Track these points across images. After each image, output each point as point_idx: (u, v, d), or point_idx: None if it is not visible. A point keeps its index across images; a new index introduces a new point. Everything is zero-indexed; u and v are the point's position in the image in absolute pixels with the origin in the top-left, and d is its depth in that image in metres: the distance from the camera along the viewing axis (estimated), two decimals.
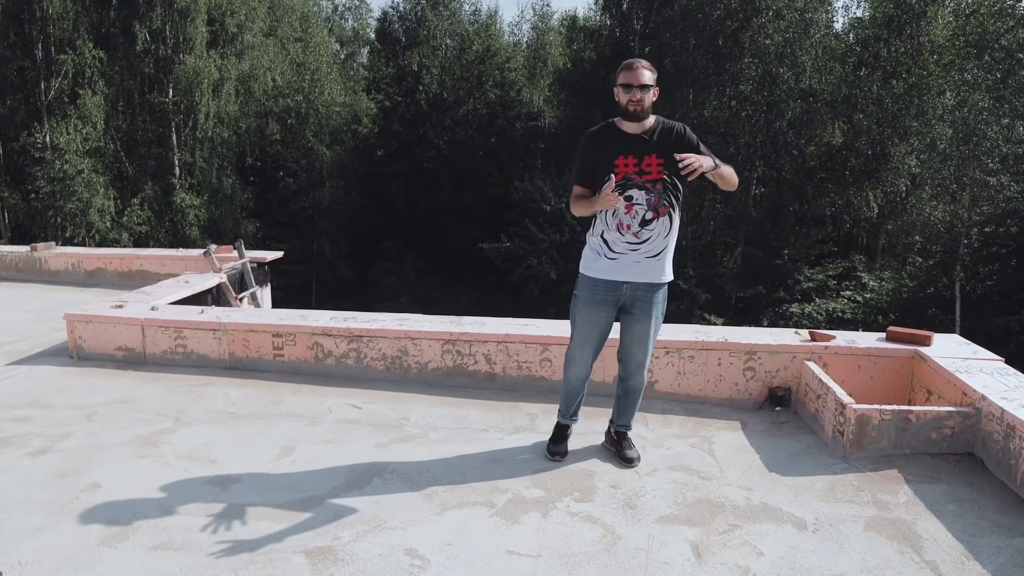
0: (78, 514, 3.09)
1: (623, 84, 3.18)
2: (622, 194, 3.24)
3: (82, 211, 20.34)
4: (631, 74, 3.17)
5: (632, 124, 3.24)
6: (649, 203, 3.26)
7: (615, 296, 3.37)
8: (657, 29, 24.48)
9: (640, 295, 3.36)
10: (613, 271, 3.33)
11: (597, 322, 3.42)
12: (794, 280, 22.31)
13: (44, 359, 5.21)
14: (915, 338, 4.42)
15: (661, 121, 3.30)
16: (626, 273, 3.32)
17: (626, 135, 3.25)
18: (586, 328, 3.44)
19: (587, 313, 3.41)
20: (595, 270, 3.37)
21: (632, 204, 3.25)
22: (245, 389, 4.58)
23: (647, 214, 3.26)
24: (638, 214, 3.26)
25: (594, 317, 3.41)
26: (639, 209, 3.26)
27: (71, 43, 21.34)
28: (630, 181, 3.24)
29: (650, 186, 3.24)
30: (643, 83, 3.16)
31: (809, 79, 22.41)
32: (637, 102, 3.17)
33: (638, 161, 3.22)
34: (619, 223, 3.28)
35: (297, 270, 27.05)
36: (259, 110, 26.39)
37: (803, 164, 24.13)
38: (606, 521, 3.06)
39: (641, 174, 3.23)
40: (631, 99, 3.17)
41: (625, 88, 3.18)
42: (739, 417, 4.28)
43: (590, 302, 3.39)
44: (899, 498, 3.26)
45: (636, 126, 3.24)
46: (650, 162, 3.23)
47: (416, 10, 32.71)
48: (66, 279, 8.10)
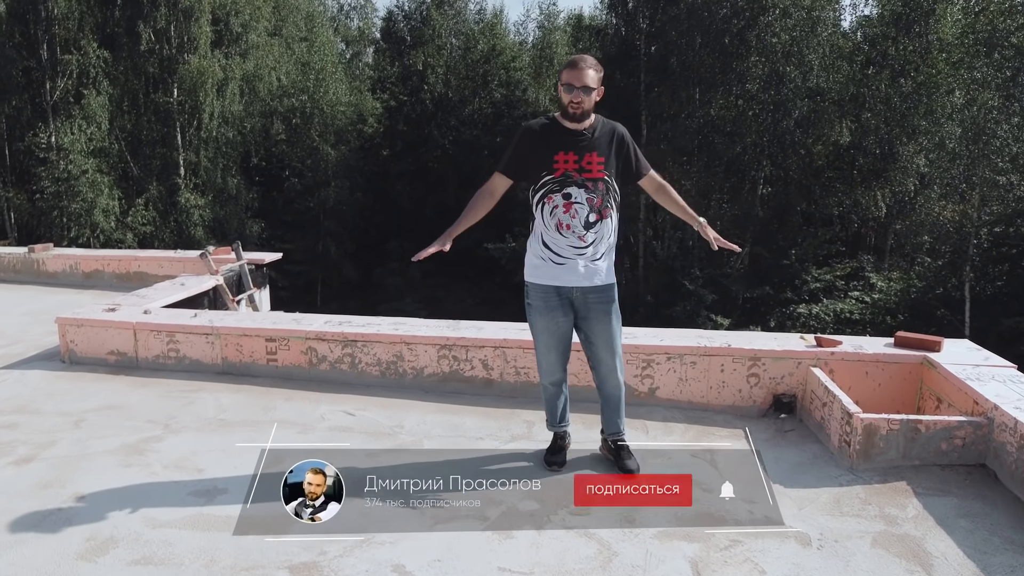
0: (59, 526, 3.00)
1: (565, 83, 3.09)
2: (560, 191, 3.16)
3: (87, 211, 20.33)
4: (574, 73, 3.08)
5: (573, 122, 3.17)
6: (591, 204, 3.17)
7: (565, 301, 3.28)
8: (663, 28, 24.29)
9: (592, 299, 3.26)
10: (562, 277, 3.23)
11: (556, 328, 3.33)
12: (801, 280, 22.14)
13: (36, 363, 5.13)
14: (924, 344, 4.29)
15: (602, 120, 3.23)
16: (575, 278, 3.22)
17: (567, 131, 3.17)
18: (547, 335, 3.36)
19: (544, 321, 3.33)
20: (543, 277, 3.27)
21: (571, 202, 3.16)
22: (237, 395, 4.49)
23: (590, 216, 3.17)
24: (578, 213, 3.16)
25: (552, 324, 3.32)
26: (579, 209, 3.16)
27: (76, 43, 21.33)
28: (569, 178, 3.15)
29: (591, 185, 3.16)
30: (585, 84, 3.07)
31: (816, 78, 22.22)
32: (577, 104, 3.09)
33: (579, 158, 3.14)
34: (558, 223, 3.18)
35: (302, 270, 27.02)
36: (264, 110, 26.35)
37: (810, 163, 23.94)
38: (602, 536, 2.95)
39: (581, 172, 3.14)
40: (572, 100, 3.09)
41: (567, 88, 3.09)
42: (742, 425, 4.16)
43: (544, 310, 3.30)
44: (908, 512, 3.15)
45: (577, 124, 3.17)
46: (591, 160, 3.15)
47: (421, 9, 32.62)
48: (64, 281, 8.03)
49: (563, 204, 3.15)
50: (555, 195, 3.16)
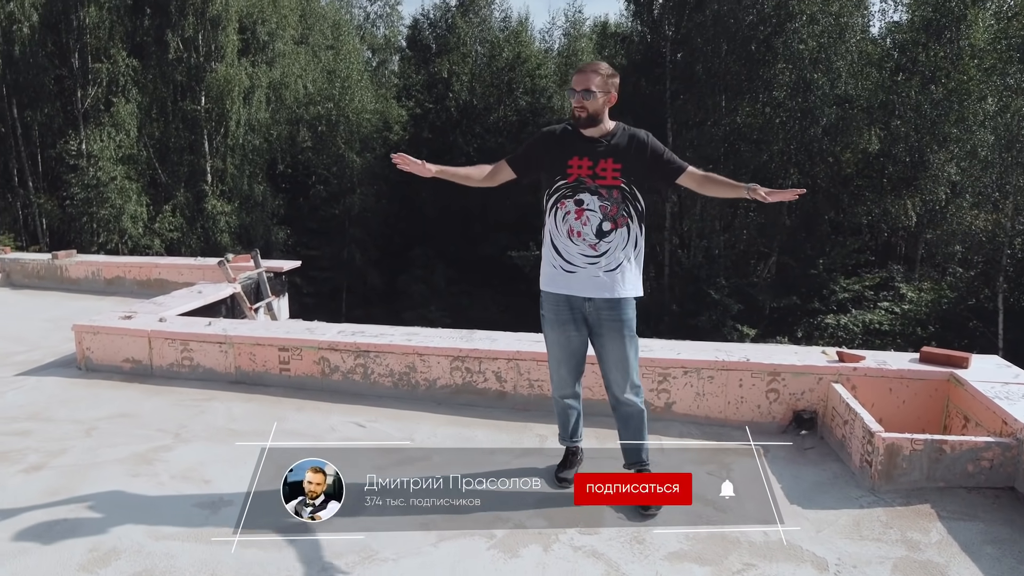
0: (63, 536, 2.99)
1: (569, 88, 3.05)
2: (573, 197, 3.08)
3: (115, 217, 20.63)
4: (578, 77, 3.02)
5: (588, 128, 3.08)
6: (605, 211, 3.08)
7: (577, 314, 3.18)
8: (688, 35, 24.12)
9: (605, 313, 3.14)
10: (571, 285, 3.14)
11: (567, 342, 3.23)
12: (829, 290, 21.78)
13: (53, 370, 5.16)
14: (951, 360, 4.15)
15: (623, 127, 3.14)
16: (586, 288, 3.12)
17: (583, 137, 3.09)
18: (557, 349, 3.28)
19: (555, 334, 3.24)
20: (553, 284, 3.20)
21: (583, 209, 3.08)
22: (249, 405, 4.47)
23: (604, 224, 3.08)
24: (590, 221, 3.08)
25: (563, 337, 3.23)
26: (591, 216, 3.08)
27: (106, 52, 21.70)
28: (582, 184, 3.07)
29: (604, 192, 3.07)
30: (585, 88, 2.99)
31: (845, 85, 21.90)
32: (580, 108, 3.02)
33: (593, 164, 3.06)
34: (569, 229, 3.10)
35: (327, 277, 27.19)
36: (290, 117, 26.60)
37: (839, 172, 23.59)
38: (611, 557, 2.87)
39: (595, 178, 3.06)
40: (575, 104, 3.03)
41: (570, 92, 3.04)
42: (761, 442, 4.04)
43: (555, 322, 3.22)
44: (931, 537, 3.02)
45: (594, 130, 3.08)
46: (605, 166, 3.06)
47: (446, 17, 32.76)
48: (86, 287, 8.12)
49: (575, 210, 3.09)
50: (567, 200, 3.10)
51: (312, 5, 32.18)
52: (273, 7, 24.45)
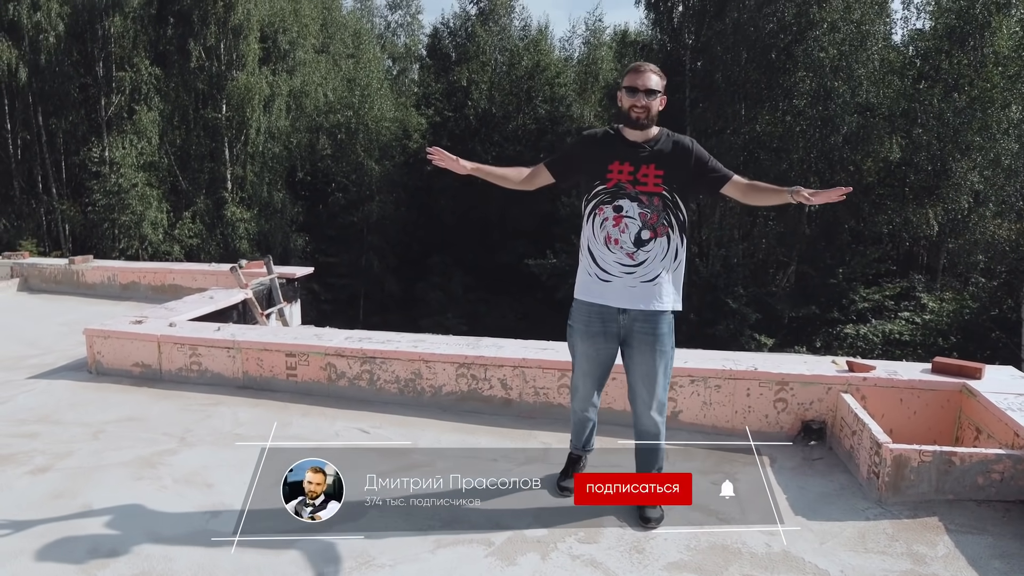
0: (64, 538, 3.01)
1: (628, 87, 2.92)
2: (612, 203, 3.00)
3: (136, 223, 20.91)
4: (637, 77, 2.91)
5: (634, 132, 2.98)
6: (644, 219, 2.97)
7: (614, 327, 3.06)
8: (708, 43, 24.05)
9: (639, 325, 3.02)
10: (605, 295, 3.02)
11: (595, 355, 3.12)
12: (849, 300, 21.54)
13: (64, 373, 5.22)
14: (963, 370, 4.08)
15: (667, 133, 3.03)
16: (621, 299, 3.00)
17: (626, 141, 3.00)
18: (585, 361, 3.15)
19: (583, 346, 3.12)
20: (589, 294, 3.07)
21: (622, 216, 2.97)
22: (255, 410, 4.49)
23: (643, 232, 2.97)
24: (627, 228, 2.97)
25: (591, 350, 3.12)
26: (630, 223, 2.97)
27: (129, 61, 22.04)
28: (622, 190, 2.97)
29: (645, 199, 2.96)
30: (649, 87, 2.89)
31: (866, 93, 21.71)
32: (642, 108, 2.90)
33: (634, 170, 2.95)
34: (607, 236, 3.00)
35: (345, 284, 27.33)
36: (310, 125, 26.83)
37: (860, 180, 23.36)
38: (609, 566, 2.84)
39: (635, 184, 2.96)
40: (635, 104, 2.90)
41: (630, 92, 2.91)
42: (768, 452, 4.00)
43: (586, 334, 3.10)
44: (938, 551, 2.96)
45: (639, 134, 2.98)
46: (647, 172, 2.95)
47: (466, 26, 32.93)
48: (102, 292, 8.22)
49: (613, 217, 2.98)
50: (606, 207, 2.99)
51: (333, 15, 32.50)
52: (294, 16, 24.73)
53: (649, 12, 26.67)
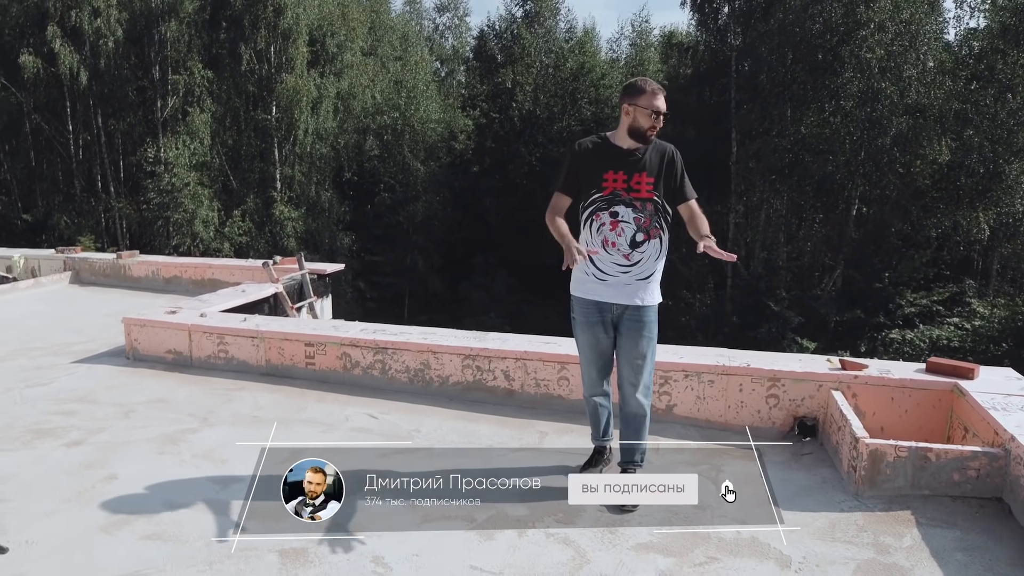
0: (89, 502, 3.33)
1: (651, 110, 3.12)
2: (608, 209, 3.22)
3: (188, 221, 21.73)
4: (655, 99, 3.13)
5: (628, 141, 3.21)
6: (639, 223, 3.21)
7: (608, 317, 3.33)
8: (753, 44, 23.83)
9: (628, 315, 3.30)
10: (602, 292, 3.29)
11: (596, 343, 3.38)
12: (895, 304, 21.12)
13: (104, 359, 5.61)
14: (957, 370, 4.13)
15: (654, 141, 3.26)
16: (616, 295, 3.27)
17: (619, 150, 3.22)
18: (588, 350, 3.43)
19: (585, 336, 3.40)
20: (584, 291, 3.34)
21: (618, 221, 3.21)
22: (274, 395, 4.79)
23: (637, 235, 3.21)
24: (624, 232, 3.21)
25: (592, 339, 3.38)
26: (625, 227, 3.21)
27: (183, 64, 22.91)
28: (617, 197, 3.21)
29: (639, 204, 3.20)
30: (664, 111, 3.15)
31: (916, 93, 21.25)
32: (654, 129, 3.16)
33: (627, 178, 3.19)
34: (604, 239, 3.24)
35: (390, 282, 27.85)
36: (358, 127, 27.40)
37: (909, 183, 22.88)
38: (580, 544, 3.02)
39: (629, 191, 3.19)
40: (654, 125, 3.14)
41: (654, 114, 3.13)
42: (759, 446, 4.11)
43: (585, 324, 3.37)
44: (903, 542, 3.06)
45: (631, 143, 3.20)
46: (640, 180, 3.18)
47: (512, 28, 33.17)
48: (146, 285, 8.70)
49: (610, 222, 3.22)
50: (602, 213, 3.23)
51: (382, 18, 33.11)
52: (342, 20, 25.32)
53: (694, 13, 26.53)
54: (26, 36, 23.40)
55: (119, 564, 2.84)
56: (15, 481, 3.55)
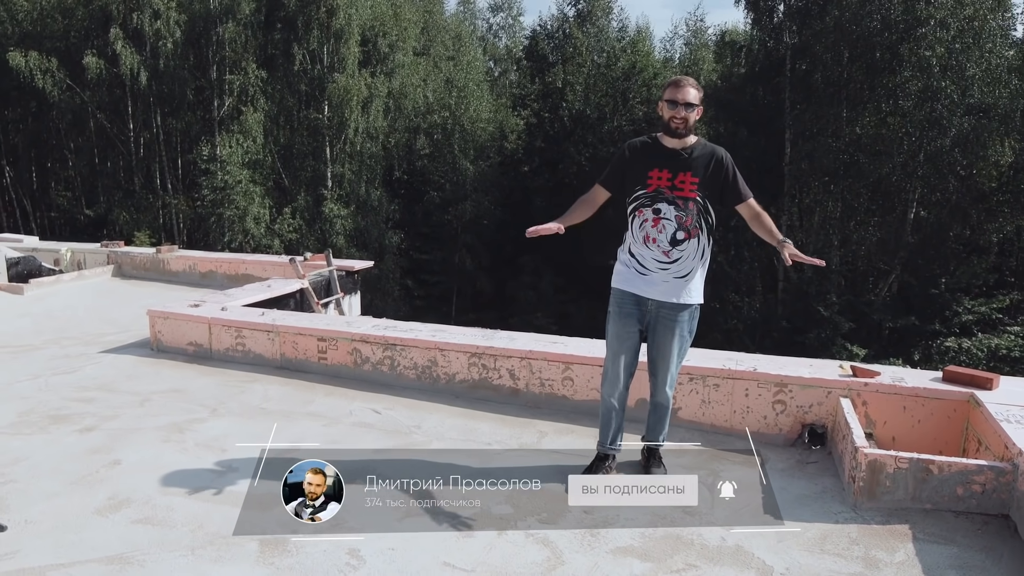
0: (90, 486, 3.45)
1: (668, 100, 3.19)
2: (651, 206, 3.24)
3: (239, 218, 22.30)
4: (677, 91, 3.18)
5: (673, 140, 3.25)
6: (680, 221, 3.24)
7: (640, 311, 3.36)
8: (808, 42, 23.26)
9: (664, 313, 3.33)
10: (640, 285, 3.33)
11: (627, 336, 3.41)
12: (952, 312, 20.35)
13: (130, 349, 5.81)
14: (974, 380, 3.97)
15: (703, 143, 3.29)
16: (652, 290, 3.31)
17: (665, 149, 3.26)
18: (616, 342, 3.45)
19: (616, 327, 3.43)
20: (624, 283, 3.38)
21: (660, 218, 3.25)
22: (285, 388, 4.88)
23: (678, 233, 3.25)
24: (665, 229, 3.25)
25: (623, 331, 3.41)
26: (667, 224, 3.25)
27: (238, 65, 23.53)
28: (661, 194, 3.24)
29: (681, 203, 3.23)
30: (688, 101, 3.17)
31: (980, 92, 20.43)
32: (681, 119, 3.18)
33: (672, 176, 3.23)
34: (646, 236, 3.28)
35: (438, 280, 28.11)
36: (408, 126, 27.71)
37: (971, 186, 22.00)
38: (558, 545, 3.00)
39: (673, 189, 3.23)
40: (675, 115, 3.17)
41: (671, 104, 3.18)
42: (763, 453, 4.02)
43: (618, 315, 3.41)
44: (895, 557, 2.95)
45: (676, 142, 3.25)
46: (684, 179, 3.22)
47: (563, 28, 33.10)
48: (184, 279, 8.97)
49: (652, 218, 3.27)
50: (646, 209, 3.28)
51: (435, 18, 33.40)
52: (394, 20, 25.64)
53: (749, 11, 26.03)
54: (90, 38, 24.38)
55: (107, 545, 2.94)
56: (26, 463, 3.70)
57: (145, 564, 2.81)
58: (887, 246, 23.03)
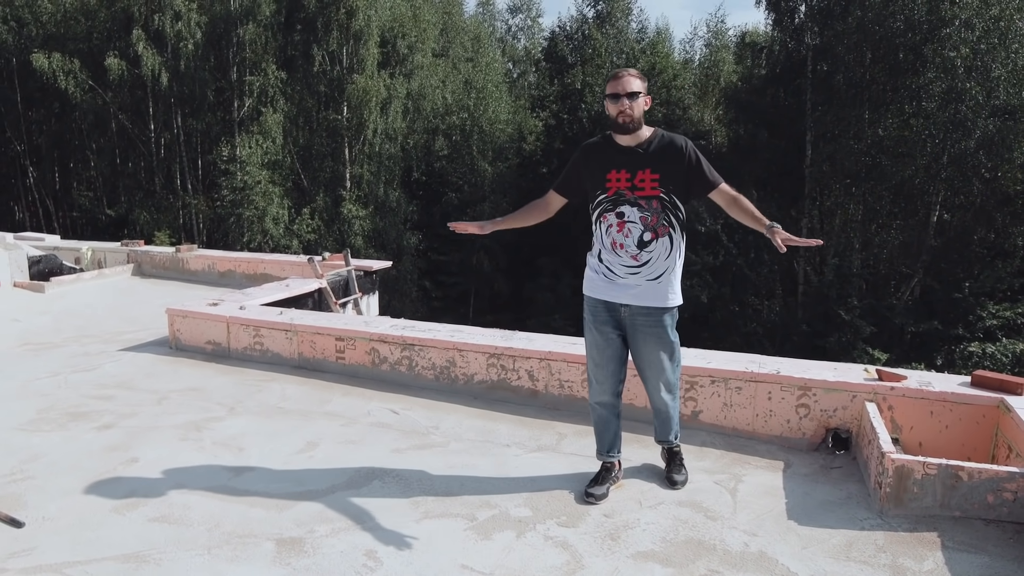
0: (107, 483, 3.45)
1: (610, 95, 3.02)
2: (614, 210, 3.12)
3: (259, 218, 22.43)
4: (616, 83, 3.02)
5: (625, 137, 3.08)
6: (645, 223, 3.09)
7: (615, 317, 3.23)
8: (830, 43, 23.03)
9: (641, 320, 3.18)
10: (610, 292, 3.19)
11: (606, 345, 3.27)
12: (976, 316, 20.05)
13: (149, 348, 5.82)
14: (1004, 385, 3.86)
15: (660, 134, 3.11)
16: (624, 295, 3.17)
17: (620, 148, 3.10)
18: (595, 351, 3.32)
19: (593, 336, 3.30)
20: (593, 290, 3.26)
21: (624, 221, 3.11)
22: (302, 387, 4.86)
23: (645, 235, 3.10)
24: (631, 233, 3.10)
25: (601, 340, 3.27)
26: (632, 228, 3.10)
27: (258, 66, 23.69)
28: (622, 197, 3.09)
29: (643, 203, 3.07)
30: (630, 91, 2.98)
31: (1006, 93, 20.12)
32: (626, 112, 3.00)
33: (631, 176, 3.06)
34: (612, 241, 3.15)
35: (456, 281, 28.13)
36: (427, 127, 27.76)
37: (996, 188, 21.67)
38: (578, 549, 2.94)
39: (633, 190, 3.07)
40: (620, 109, 3.00)
41: (612, 98, 3.01)
42: (785, 457, 3.95)
43: (593, 323, 3.28)
44: (924, 565, 2.87)
45: (630, 139, 3.08)
46: (643, 177, 3.05)
47: (583, 29, 33.04)
48: (203, 278, 9.01)
49: (616, 223, 3.13)
50: (609, 214, 3.14)
51: (454, 19, 33.47)
52: (413, 22, 25.71)
53: (770, 12, 25.83)
54: (112, 40, 24.64)
55: (123, 543, 2.92)
56: (44, 460, 3.70)
57: (161, 563, 2.79)
58: (909, 249, 22.75)
